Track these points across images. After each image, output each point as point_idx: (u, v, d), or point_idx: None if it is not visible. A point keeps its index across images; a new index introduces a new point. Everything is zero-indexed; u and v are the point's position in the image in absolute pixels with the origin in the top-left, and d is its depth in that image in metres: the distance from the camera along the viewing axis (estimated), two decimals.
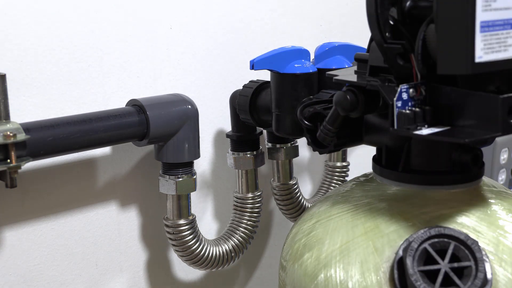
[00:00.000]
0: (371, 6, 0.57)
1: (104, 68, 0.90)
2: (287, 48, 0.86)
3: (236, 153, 0.99)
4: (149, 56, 0.95)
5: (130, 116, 0.84)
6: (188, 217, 0.93)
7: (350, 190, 0.70)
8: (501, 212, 0.63)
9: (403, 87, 0.55)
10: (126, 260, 0.98)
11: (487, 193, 0.65)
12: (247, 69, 0.87)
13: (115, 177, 0.94)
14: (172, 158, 0.89)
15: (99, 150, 0.91)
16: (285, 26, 1.12)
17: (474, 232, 0.60)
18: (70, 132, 0.78)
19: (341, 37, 1.13)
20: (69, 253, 0.91)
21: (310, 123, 0.71)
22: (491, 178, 0.70)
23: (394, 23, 0.58)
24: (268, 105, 0.88)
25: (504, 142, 1.20)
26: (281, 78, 0.84)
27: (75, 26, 0.87)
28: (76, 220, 0.91)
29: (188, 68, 1.00)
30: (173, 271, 1.04)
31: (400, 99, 0.55)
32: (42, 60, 0.84)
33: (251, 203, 1.01)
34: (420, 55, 0.56)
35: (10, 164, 0.72)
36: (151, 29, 0.94)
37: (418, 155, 0.63)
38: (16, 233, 0.86)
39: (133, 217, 0.97)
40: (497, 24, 0.51)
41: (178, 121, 0.88)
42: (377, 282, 0.58)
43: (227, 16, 1.03)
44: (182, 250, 0.93)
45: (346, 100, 0.60)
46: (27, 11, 0.82)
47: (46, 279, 0.89)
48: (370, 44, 0.62)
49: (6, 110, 0.74)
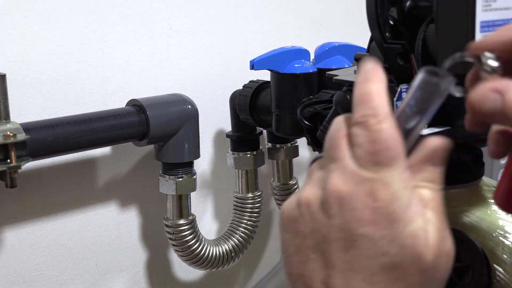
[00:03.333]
0: (371, 6, 0.57)
1: (104, 68, 0.90)
2: (287, 48, 0.86)
3: (236, 153, 0.99)
4: (149, 56, 0.95)
5: (130, 116, 0.84)
6: (188, 217, 0.93)
7: None
8: (501, 212, 0.63)
9: (403, 87, 0.55)
10: (126, 260, 0.98)
11: (487, 193, 0.65)
12: (247, 69, 0.87)
13: (115, 177, 0.94)
14: (172, 158, 0.89)
15: (99, 150, 0.91)
16: (285, 26, 1.12)
17: (474, 232, 0.60)
18: (70, 132, 0.78)
19: (341, 37, 1.13)
20: (69, 253, 0.91)
21: (310, 123, 0.71)
22: (491, 178, 0.70)
23: (394, 23, 0.58)
24: (268, 105, 0.88)
25: None
26: (281, 78, 0.84)
27: (75, 26, 0.87)
28: (76, 220, 0.91)
29: (188, 68, 1.00)
30: (173, 271, 1.04)
31: (400, 99, 0.55)
32: (42, 60, 0.84)
33: (251, 203, 1.01)
34: (420, 55, 0.56)
35: (10, 164, 0.72)
36: (151, 29, 0.94)
37: None
38: (16, 233, 0.85)
39: (133, 217, 0.97)
40: (497, 24, 0.51)
41: (178, 121, 0.88)
42: None
43: (227, 16, 1.03)
44: (182, 250, 0.93)
45: (346, 100, 0.60)
46: (27, 11, 0.82)
47: (46, 279, 0.89)
48: (370, 44, 0.62)
49: (6, 110, 0.74)
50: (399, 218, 0.39)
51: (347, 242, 0.40)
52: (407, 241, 0.39)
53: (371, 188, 0.40)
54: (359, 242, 0.40)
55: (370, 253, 0.39)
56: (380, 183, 0.40)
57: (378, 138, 0.40)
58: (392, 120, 0.41)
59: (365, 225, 0.39)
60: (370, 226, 0.39)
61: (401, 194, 0.40)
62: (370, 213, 0.39)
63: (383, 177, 0.40)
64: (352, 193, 0.40)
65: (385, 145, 0.40)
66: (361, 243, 0.39)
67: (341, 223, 0.40)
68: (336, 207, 0.40)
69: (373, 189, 0.40)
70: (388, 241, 0.39)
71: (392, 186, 0.39)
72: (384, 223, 0.39)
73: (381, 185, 0.40)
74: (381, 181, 0.40)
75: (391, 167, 0.40)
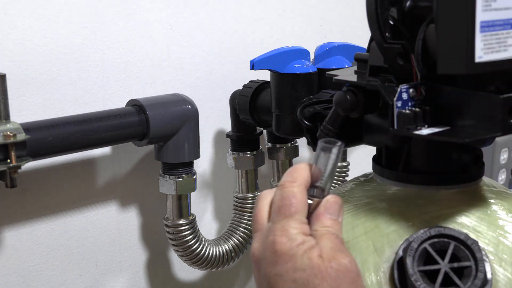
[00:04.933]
0: (371, 6, 0.57)
1: (104, 68, 0.90)
2: (287, 48, 0.86)
3: (236, 153, 0.99)
4: (149, 56, 0.95)
5: (130, 116, 0.84)
6: (188, 217, 0.93)
7: (350, 190, 0.69)
8: (501, 212, 0.63)
9: (403, 87, 0.55)
10: (126, 260, 0.98)
11: (487, 193, 0.65)
12: (247, 69, 0.87)
13: (115, 177, 0.94)
14: (172, 158, 0.89)
15: (99, 150, 0.91)
16: (285, 26, 1.12)
17: (474, 232, 0.60)
18: (70, 132, 0.78)
19: (341, 37, 1.13)
20: (69, 253, 0.91)
21: (310, 123, 0.70)
22: (491, 178, 0.70)
23: (394, 23, 0.58)
24: (268, 105, 0.88)
25: (504, 142, 1.21)
26: (281, 78, 0.84)
27: (75, 26, 0.87)
28: (76, 220, 0.91)
29: (188, 68, 1.00)
30: (173, 271, 1.04)
31: (400, 99, 0.55)
32: (42, 60, 0.84)
33: (251, 203, 1.01)
34: (420, 55, 0.56)
35: (10, 164, 0.72)
36: (151, 29, 0.94)
37: (418, 155, 0.63)
38: (16, 233, 0.85)
39: (133, 217, 0.97)
40: (497, 24, 0.51)
41: (178, 121, 0.88)
42: (377, 282, 0.58)
43: (227, 16, 1.03)
44: (182, 250, 0.93)
45: (346, 100, 0.60)
46: (27, 11, 0.82)
47: (46, 279, 0.89)
48: (370, 44, 0.62)
49: (6, 110, 0.74)
50: (296, 252, 0.50)
51: (269, 286, 0.51)
52: (306, 262, 0.50)
53: (273, 236, 0.51)
54: (274, 281, 0.51)
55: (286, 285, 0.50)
56: (280, 230, 0.51)
57: (287, 195, 0.52)
58: (303, 187, 0.53)
59: (272, 267, 0.51)
60: (276, 266, 0.51)
61: (295, 235, 0.51)
62: (273, 256, 0.51)
63: (282, 225, 0.51)
64: (262, 248, 0.52)
65: (289, 201, 0.52)
66: (275, 280, 0.51)
67: (263, 274, 0.52)
68: (255, 265, 0.53)
69: (275, 237, 0.51)
70: (293, 271, 0.50)
71: (289, 232, 0.51)
72: (285, 259, 0.50)
73: (280, 231, 0.51)
74: (280, 228, 0.51)
75: (291, 218, 0.51)
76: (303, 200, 0.53)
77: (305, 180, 0.54)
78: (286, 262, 0.50)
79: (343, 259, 0.51)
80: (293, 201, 0.52)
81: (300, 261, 0.50)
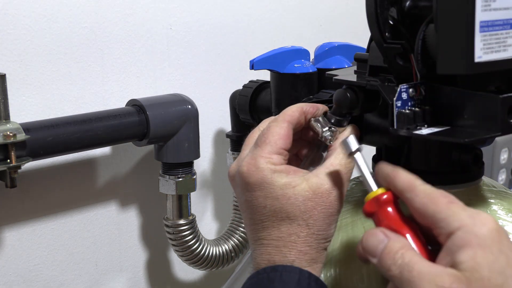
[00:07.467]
0: (371, 6, 0.57)
1: (104, 68, 0.90)
2: (287, 48, 0.86)
3: (236, 153, 0.99)
4: (149, 56, 0.95)
5: (130, 116, 0.84)
6: (188, 217, 0.93)
7: (350, 190, 0.69)
8: (501, 212, 0.63)
9: (402, 87, 0.55)
10: (126, 260, 0.98)
11: (487, 193, 0.65)
12: (247, 69, 0.87)
13: (115, 177, 0.94)
14: (172, 158, 0.89)
15: (99, 150, 0.91)
16: (285, 26, 1.12)
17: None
18: (70, 132, 0.78)
19: (341, 37, 1.13)
20: (69, 253, 0.91)
21: None
22: (491, 178, 0.70)
23: (394, 23, 0.58)
24: (268, 105, 0.88)
25: (504, 142, 1.21)
26: (281, 78, 0.84)
27: (75, 26, 0.87)
28: (76, 220, 0.91)
29: (188, 68, 1.00)
30: (173, 271, 1.04)
31: (400, 99, 0.55)
32: (42, 60, 0.84)
33: None
34: (420, 55, 0.56)
35: (10, 164, 0.72)
36: (151, 29, 0.94)
37: (418, 155, 0.63)
38: (16, 233, 0.86)
39: (133, 217, 0.97)
40: (496, 24, 0.51)
41: (178, 121, 0.88)
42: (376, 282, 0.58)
43: (227, 16, 1.03)
44: (182, 250, 0.93)
45: (346, 98, 0.60)
46: (27, 11, 0.82)
47: (46, 279, 0.89)
48: (370, 44, 0.62)
49: (6, 110, 0.74)
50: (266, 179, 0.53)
51: (241, 206, 0.55)
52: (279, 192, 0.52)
53: (244, 163, 0.54)
54: (245, 205, 0.54)
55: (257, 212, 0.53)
56: (250, 158, 0.54)
57: (268, 130, 0.55)
58: (287, 126, 0.55)
59: (243, 192, 0.54)
60: (246, 192, 0.54)
61: (263, 165, 0.53)
62: (243, 183, 0.54)
63: (253, 154, 0.54)
64: (235, 171, 0.55)
65: (266, 134, 0.55)
66: (246, 206, 0.54)
67: (236, 193, 0.56)
68: (231, 182, 0.57)
69: (243, 164, 0.54)
70: (263, 198, 0.53)
71: (257, 160, 0.53)
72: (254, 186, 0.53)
73: (250, 159, 0.54)
74: (251, 157, 0.54)
75: (261, 147, 0.54)
76: (280, 133, 0.55)
77: (290, 116, 0.56)
78: (254, 190, 0.53)
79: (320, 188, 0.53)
80: (267, 133, 0.55)
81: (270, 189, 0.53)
